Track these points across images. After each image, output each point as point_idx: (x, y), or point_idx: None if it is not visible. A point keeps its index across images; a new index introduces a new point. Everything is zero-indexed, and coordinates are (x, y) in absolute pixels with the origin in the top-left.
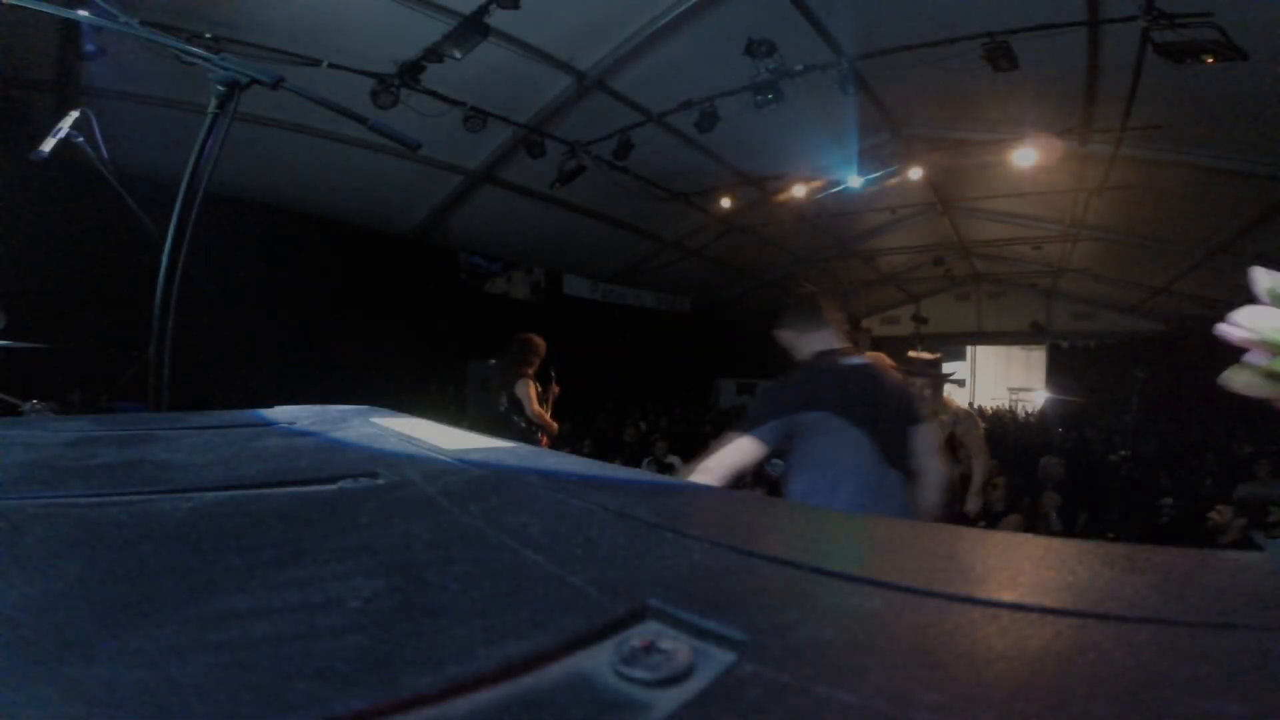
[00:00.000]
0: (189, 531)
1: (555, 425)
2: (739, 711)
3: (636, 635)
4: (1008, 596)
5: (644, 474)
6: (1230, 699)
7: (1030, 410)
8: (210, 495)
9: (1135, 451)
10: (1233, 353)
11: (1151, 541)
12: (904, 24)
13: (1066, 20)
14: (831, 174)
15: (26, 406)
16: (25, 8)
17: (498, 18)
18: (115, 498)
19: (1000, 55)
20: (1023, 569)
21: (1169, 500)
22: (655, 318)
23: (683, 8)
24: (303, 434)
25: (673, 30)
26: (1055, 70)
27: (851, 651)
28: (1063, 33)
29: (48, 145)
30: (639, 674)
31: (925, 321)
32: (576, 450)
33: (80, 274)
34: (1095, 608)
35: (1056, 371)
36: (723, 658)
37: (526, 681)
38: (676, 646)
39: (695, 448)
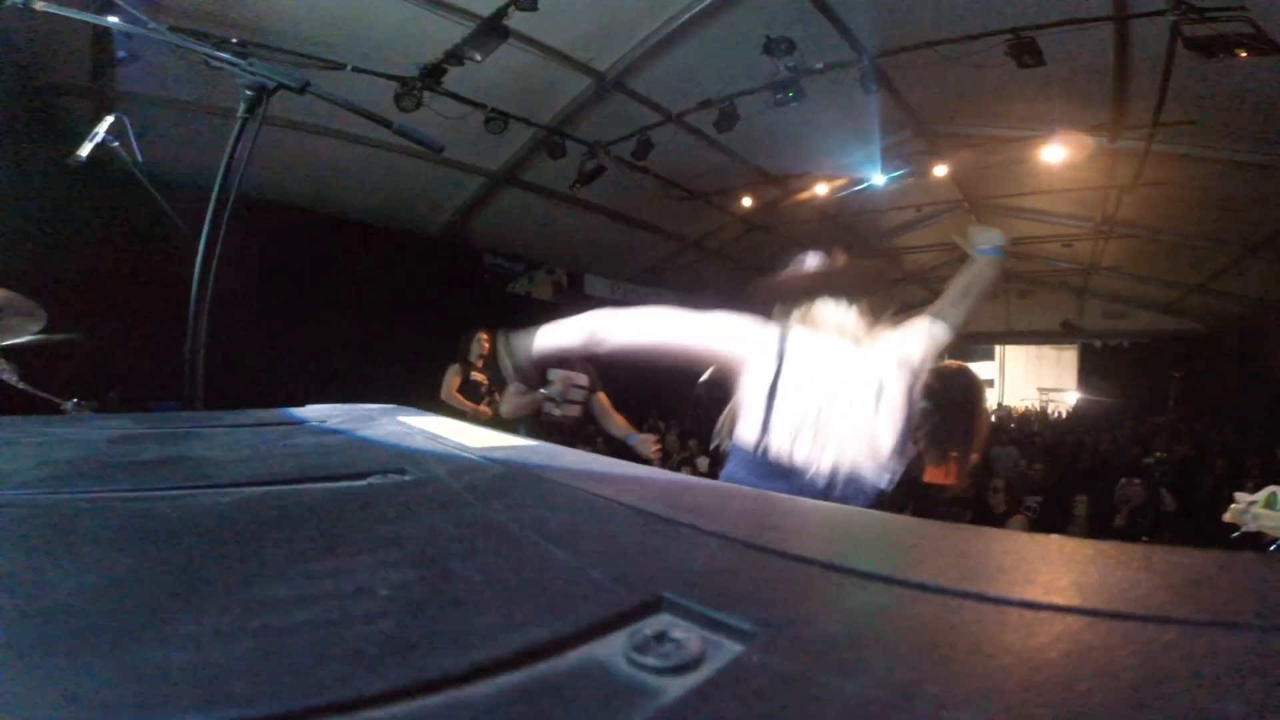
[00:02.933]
0: (229, 524)
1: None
2: (745, 699)
3: (649, 625)
4: (1017, 594)
5: (661, 472)
6: (1231, 697)
7: (1060, 411)
8: (248, 490)
9: (1171, 454)
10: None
11: (1188, 544)
12: (925, 20)
13: (1092, 15)
14: (854, 172)
15: (68, 405)
16: (60, 15)
17: (516, 20)
18: (159, 492)
19: (1025, 51)
20: (1036, 568)
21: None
22: None
23: (699, 7)
24: (334, 432)
25: (690, 30)
26: (1083, 66)
27: (858, 645)
28: (1089, 28)
29: (85, 150)
30: (651, 661)
31: None
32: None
33: (117, 276)
34: (1105, 606)
35: (1088, 372)
36: (732, 648)
37: (544, 666)
38: (688, 637)
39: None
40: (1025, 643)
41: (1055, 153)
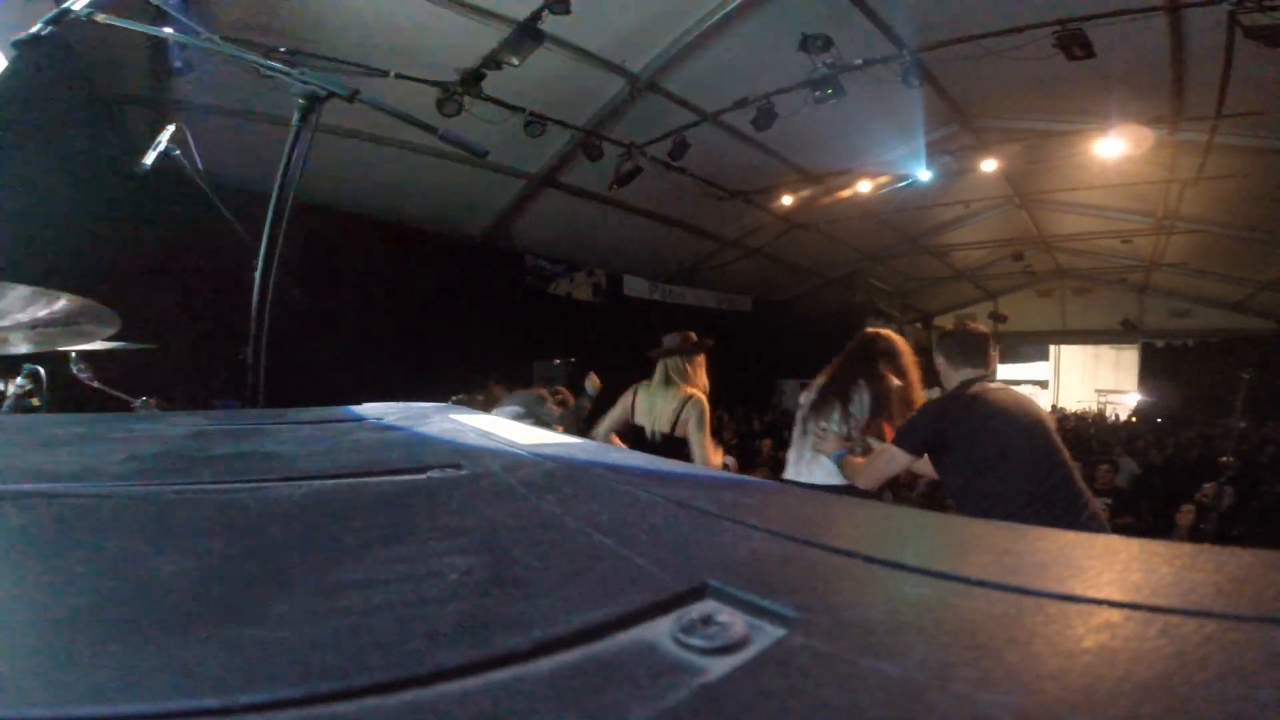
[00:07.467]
0: (305, 514)
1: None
2: (786, 676)
3: (695, 610)
4: (1057, 588)
5: (704, 469)
6: (1261, 687)
7: (1119, 413)
8: (318, 483)
9: (1240, 458)
10: None
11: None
12: (967, 13)
13: (1142, 6)
14: (898, 168)
15: (137, 403)
16: (119, 27)
17: (551, 23)
18: (239, 484)
19: (1074, 43)
20: (1080, 564)
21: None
22: (715, 317)
23: (730, 6)
24: (391, 428)
25: (723, 29)
26: (1136, 57)
27: (898, 631)
28: (1141, 18)
29: (149, 158)
30: (696, 642)
31: (1004, 319)
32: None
33: (179, 281)
34: (1144, 601)
35: (1150, 372)
36: (775, 632)
37: (598, 646)
38: (732, 620)
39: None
40: (1061, 632)
41: (1111, 146)
